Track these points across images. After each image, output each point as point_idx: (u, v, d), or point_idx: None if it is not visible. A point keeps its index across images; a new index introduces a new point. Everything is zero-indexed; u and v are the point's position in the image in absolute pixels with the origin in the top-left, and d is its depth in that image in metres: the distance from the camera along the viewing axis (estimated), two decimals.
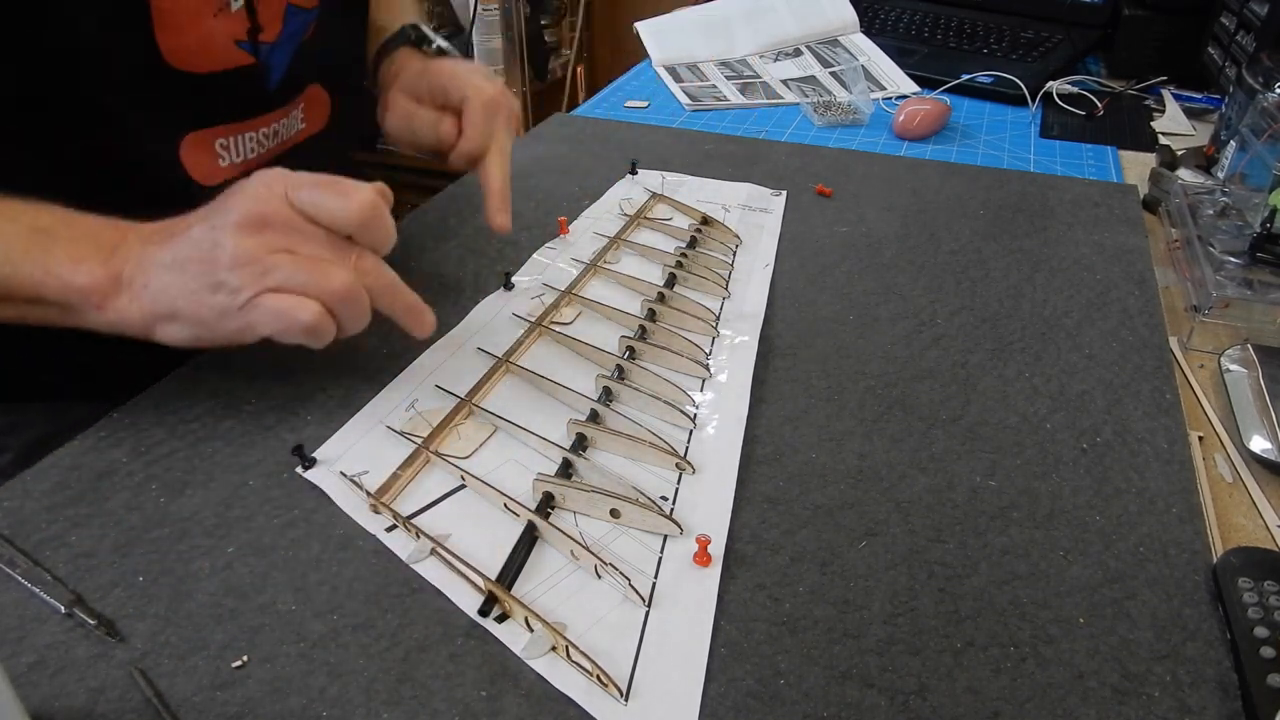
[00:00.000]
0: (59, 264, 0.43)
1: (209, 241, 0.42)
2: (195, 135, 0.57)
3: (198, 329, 0.44)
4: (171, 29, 0.51)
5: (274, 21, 0.57)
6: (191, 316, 0.43)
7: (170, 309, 0.43)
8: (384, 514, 0.43)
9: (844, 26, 1.21)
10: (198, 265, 0.42)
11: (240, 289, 0.42)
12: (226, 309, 0.42)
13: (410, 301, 0.48)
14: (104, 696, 0.34)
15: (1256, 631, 0.37)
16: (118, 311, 0.44)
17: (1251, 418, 0.51)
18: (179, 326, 0.44)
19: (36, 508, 0.43)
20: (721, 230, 0.70)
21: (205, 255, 0.42)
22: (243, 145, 0.60)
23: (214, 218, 0.43)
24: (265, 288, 0.42)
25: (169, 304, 0.43)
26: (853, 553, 0.41)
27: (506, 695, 0.34)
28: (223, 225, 0.42)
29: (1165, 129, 0.98)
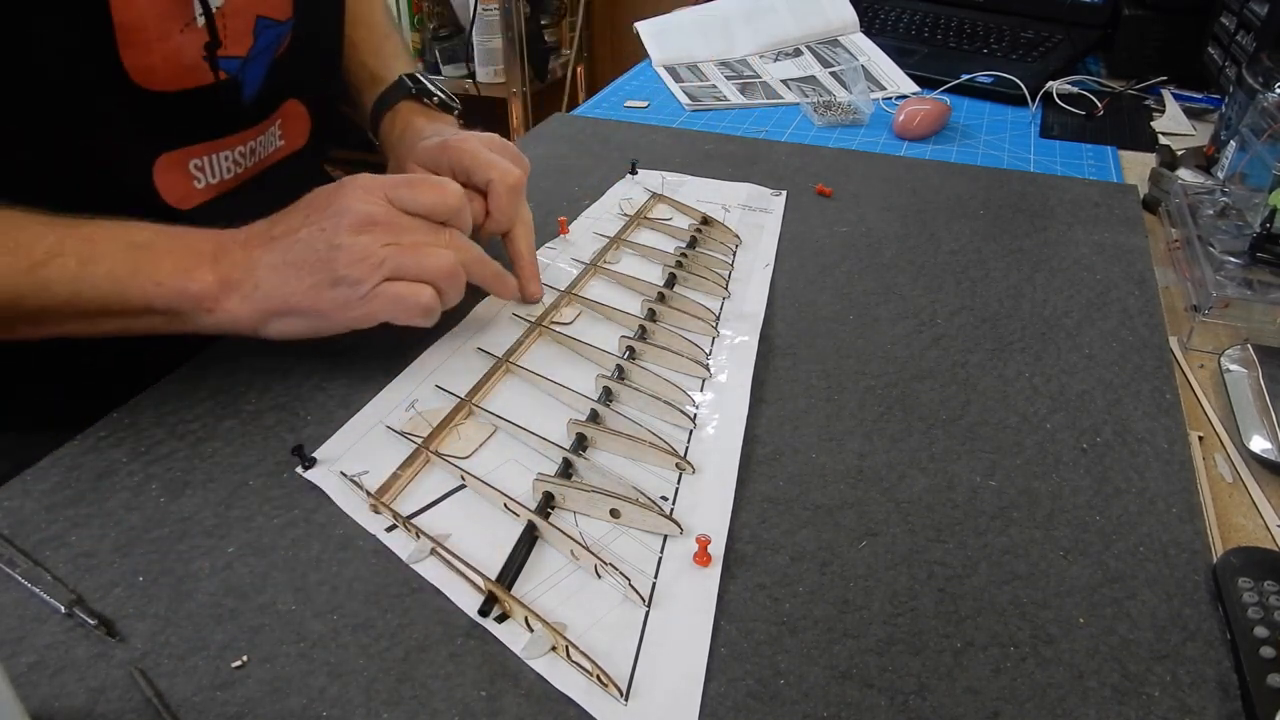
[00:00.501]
0: (169, 275, 0.46)
1: (323, 243, 0.47)
2: (168, 157, 0.56)
3: (316, 321, 0.48)
4: (136, 46, 0.50)
5: (243, 36, 0.56)
6: (310, 310, 0.47)
7: (285, 306, 0.47)
8: (384, 514, 0.43)
9: (844, 26, 1.21)
10: (315, 265, 0.47)
11: (361, 281, 0.47)
12: (348, 300, 0.47)
13: (496, 269, 0.54)
14: (104, 696, 0.34)
15: (1256, 631, 0.37)
16: (228, 312, 0.47)
17: (1251, 418, 0.51)
18: (294, 320, 0.48)
19: (36, 508, 0.43)
20: (721, 230, 0.70)
21: (322, 256, 0.47)
22: (218, 165, 0.59)
23: (320, 221, 0.47)
24: (384, 278, 0.47)
25: (283, 301, 0.47)
26: (853, 553, 0.41)
27: (506, 695, 0.34)
28: (335, 228, 0.47)
29: (1165, 129, 0.98)
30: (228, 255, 0.48)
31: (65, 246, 0.46)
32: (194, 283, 0.47)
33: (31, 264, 0.45)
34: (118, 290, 0.46)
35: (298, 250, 0.47)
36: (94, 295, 0.46)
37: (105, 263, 0.46)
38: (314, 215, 0.48)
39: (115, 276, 0.46)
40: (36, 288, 0.45)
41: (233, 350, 0.54)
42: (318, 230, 0.47)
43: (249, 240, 0.48)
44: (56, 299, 0.46)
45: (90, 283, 0.46)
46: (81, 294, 0.46)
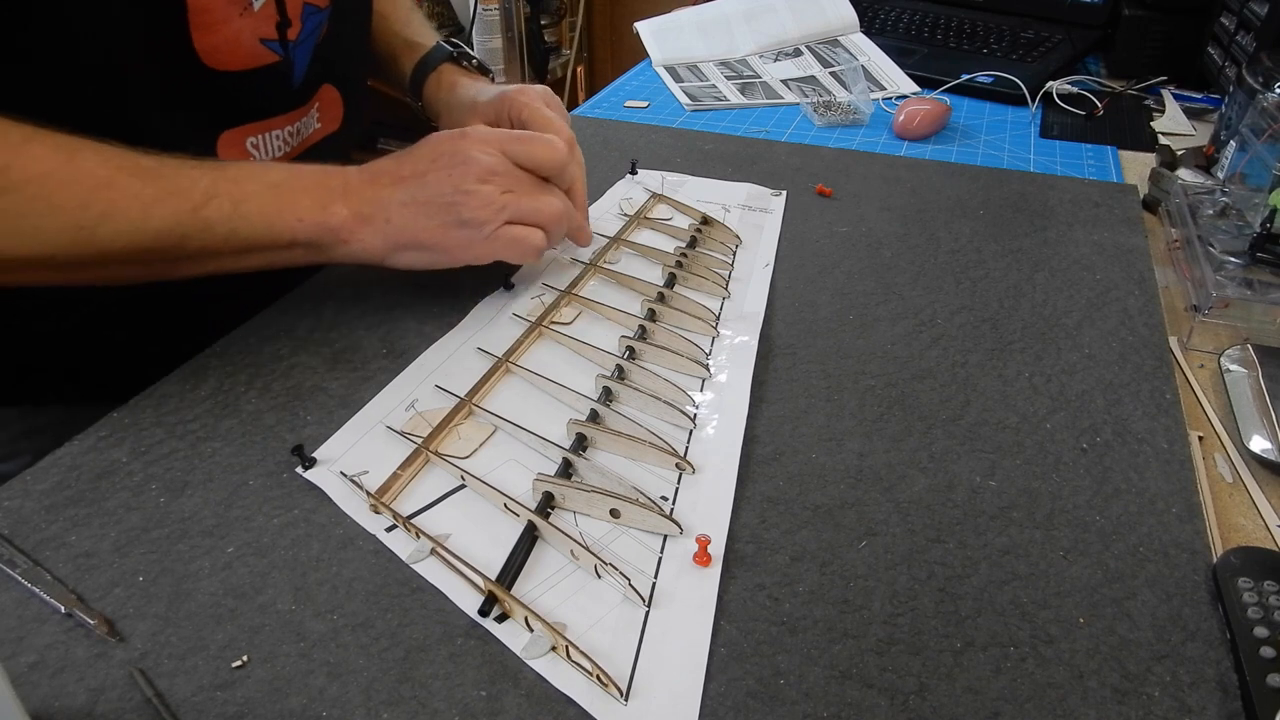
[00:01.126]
0: (308, 210, 0.52)
1: (449, 188, 0.53)
2: (229, 134, 0.59)
3: (439, 255, 0.55)
4: (205, 28, 0.53)
5: (294, 20, 0.59)
6: (436, 246, 0.54)
7: (414, 240, 0.54)
8: (384, 514, 0.43)
9: (844, 26, 1.21)
10: (443, 208, 0.53)
11: (485, 224, 0.53)
12: (472, 240, 0.54)
13: (582, 221, 0.61)
14: (104, 696, 0.34)
15: (1256, 631, 0.37)
16: (362, 243, 0.53)
17: (1251, 418, 0.51)
18: (420, 254, 0.55)
19: (36, 508, 0.43)
20: (721, 230, 0.70)
21: (449, 199, 0.53)
22: (270, 144, 0.63)
23: (447, 168, 0.53)
24: (504, 221, 0.54)
25: (413, 236, 0.53)
26: (853, 553, 0.41)
27: (506, 695, 0.35)
28: (462, 175, 0.53)
29: (1165, 129, 0.98)
30: (357, 192, 0.53)
31: (219, 188, 0.50)
32: (332, 217, 0.52)
33: (194, 206, 0.49)
34: (267, 226, 0.51)
35: (427, 192, 0.53)
36: (248, 233, 0.50)
37: (254, 202, 0.50)
38: (440, 161, 0.53)
39: (264, 214, 0.51)
40: (200, 228, 0.49)
41: (233, 350, 0.54)
42: (445, 175, 0.53)
43: (375, 178, 0.54)
44: (216, 238, 0.50)
45: (244, 221, 0.50)
46: (237, 232, 0.50)
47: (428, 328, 0.57)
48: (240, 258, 0.52)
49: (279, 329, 0.56)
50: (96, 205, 0.47)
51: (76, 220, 0.46)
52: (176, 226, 0.48)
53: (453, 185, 0.53)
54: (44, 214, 0.46)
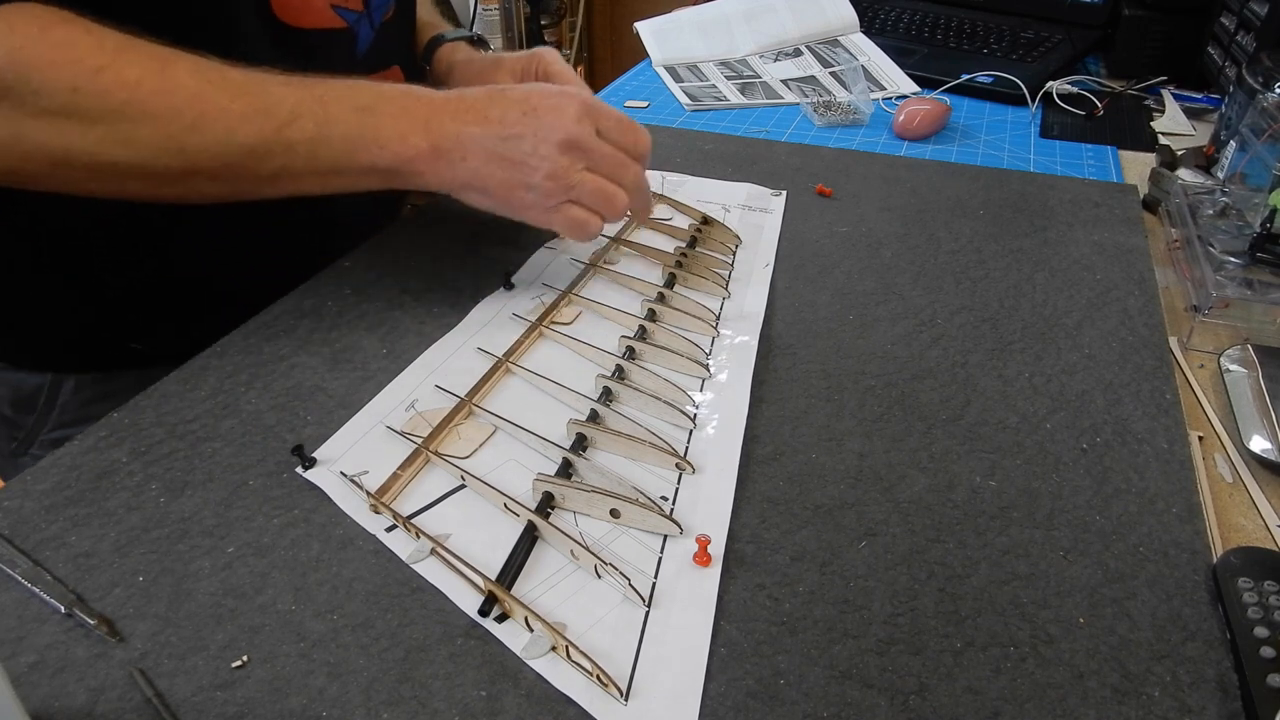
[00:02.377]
0: (389, 139, 0.52)
1: (529, 149, 0.53)
2: None
3: (502, 208, 0.56)
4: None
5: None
6: (500, 199, 0.55)
7: (483, 187, 0.54)
8: (384, 514, 0.43)
9: (844, 26, 1.20)
10: (516, 166, 0.53)
11: (550, 196, 0.54)
12: (534, 205, 0.54)
13: (648, 200, 0.61)
14: (104, 696, 0.34)
15: (1256, 631, 0.37)
16: (436, 175, 0.54)
17: (1251, 418, 0.51)
18: (486, 200, 0.55)
19: (36, 508, 0.43)
20: (721, 230, 0.70)
21: (524, 160, 0.53)
22: None
23: (534, 125, 0.53)
24: (567, 200, 0.55)
25: (483, 183, 0.54)
26: (853, 553, 0.41)
27: (506, 695, 0.35)
28: (545, 139, 0.53)
29: (1165, 129, 0.98)
30: (439, 124, 0.53)
31: (304, 108, 0.50)
32: (409, 148, 0.52)
33: (278, 125, 0.50)
34: (348, 152, 0.52)
35: (506, 145, 0.53)
36: (329, 156, 0.51)
37: (338, 126, 0.51)
38: (530, 115, 0.53)
39: (347, 139, 0.51)
40: (283, 148, 0.50)
41: (233, 350, 0.54)
42: (530, 132, 0.53)
43: (460, 112, 0.53)
44: (298, 159, 0.51)
45: (326, 145, 0.51)
46: (318, 154, 0.51)
47: (428, 328, 0.57)
48: (320, 180, 0.53)
49: (279, 329, 0.56)
50: (186, 116, 0.48)
51: (166, 130, 0.47)
52: (260, 145, 0.49)
53: (533, 146, 0.53)
54: (136, 120, 0.47)
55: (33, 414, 0.65)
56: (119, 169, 0.48)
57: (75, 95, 0.46)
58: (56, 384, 0.64)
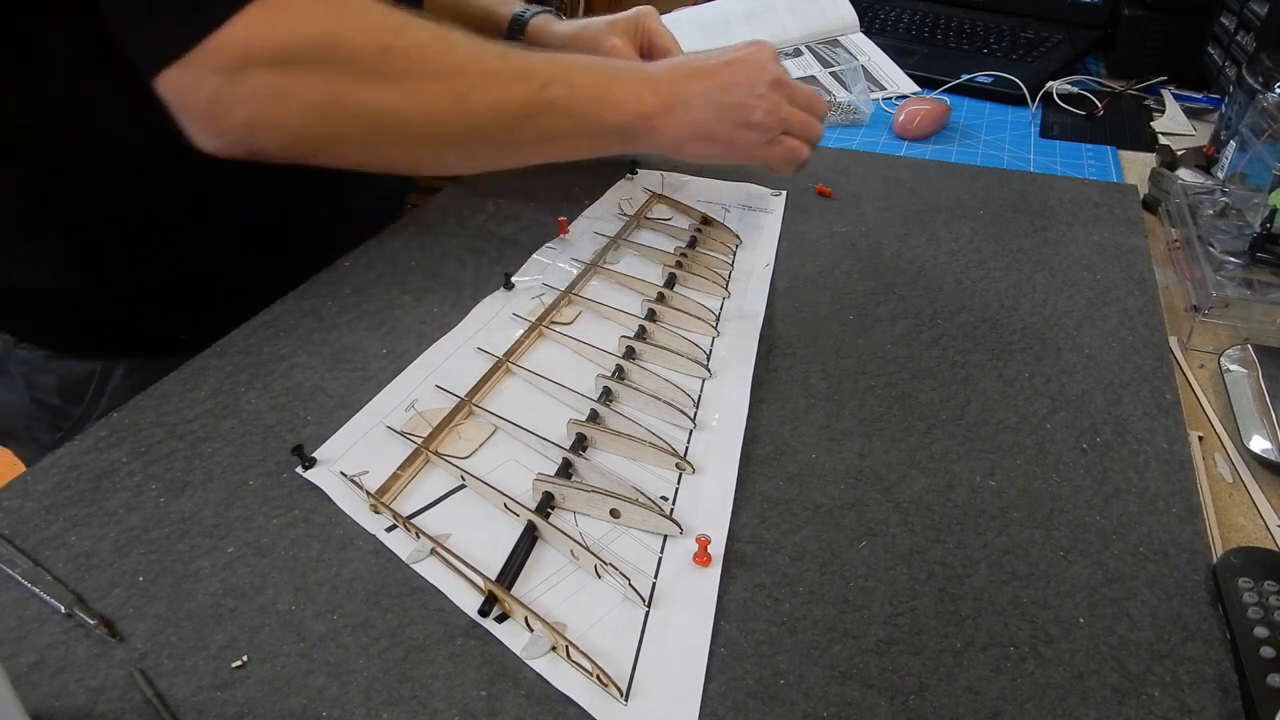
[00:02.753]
0: (626, 99, 0.57)
1: (745, 91, 0.59)
2: None
3: (725, 149, 0.61)
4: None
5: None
6: (725, 142, 0.61)
7: (707, 133, 0.60)
8: (384, 514, 0.43)
9: (844, 26, 1.20)
10: (736, 108, 0.59)
11: (769, 130, 0.61)
12: (755, 142, 0.61)
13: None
14: (104, 696, 0.34)
15: (1256, 631, 0.37)
16: (665, 132, 0.59)
17: (1251, 418, 0.51)
18: (710, 146, 0.61)
19: (36, 508, 0.43)
20: (721, 230, 0.70)
21: (743, 101, 0.59)
22: None
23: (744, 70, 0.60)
24: (782, 131, 0.62)
25: (707, 130, 0.59)
26: (853, 553, 0.41)
27: (506, 695, 0.34)
28: (758, 80, 0.60)
29: (1165, 129, 0.98)
30: (663, 83, 0.59)
31: (554, 74, 0.55)
32: (645, 105, 0.57)
33: (539, 86, 0.54)
34: (594, 112, 0.56)
35: (723, 92, 0.59)
36: (581, 115, 0.56)
37: (585, 89, 0.56)
38: (736, 64, 0.60)
39: (593, 100, 0.56)
40: (545, 108, 0.54)
41: (233, 350, 0.54)
42: (741, 77, 0.60)
43: (674, 74, 0.59)
44: (556, 119, 0.55)
45: (578, 105, 0.56)
46: (573, 114, 0.56)
47: (428, 328, 0.57)
48: (570, 142, 0.58)
49: (279, 329, 0.56)
50: (468, 76, 0.52)
51: (454, 88, 0.52)
52: (527, 104, 0.54)
53: (747, 88, 0.59)
54: (430, 79, 0.51)
55: (81, 402, 0.66)
56: (415, 129, 0.52)
57: (384, 55, 0.50)
58: (107, 371, 0.65)
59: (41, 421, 0.67)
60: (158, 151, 0.52)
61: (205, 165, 0.51)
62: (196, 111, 0.49)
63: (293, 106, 0.49)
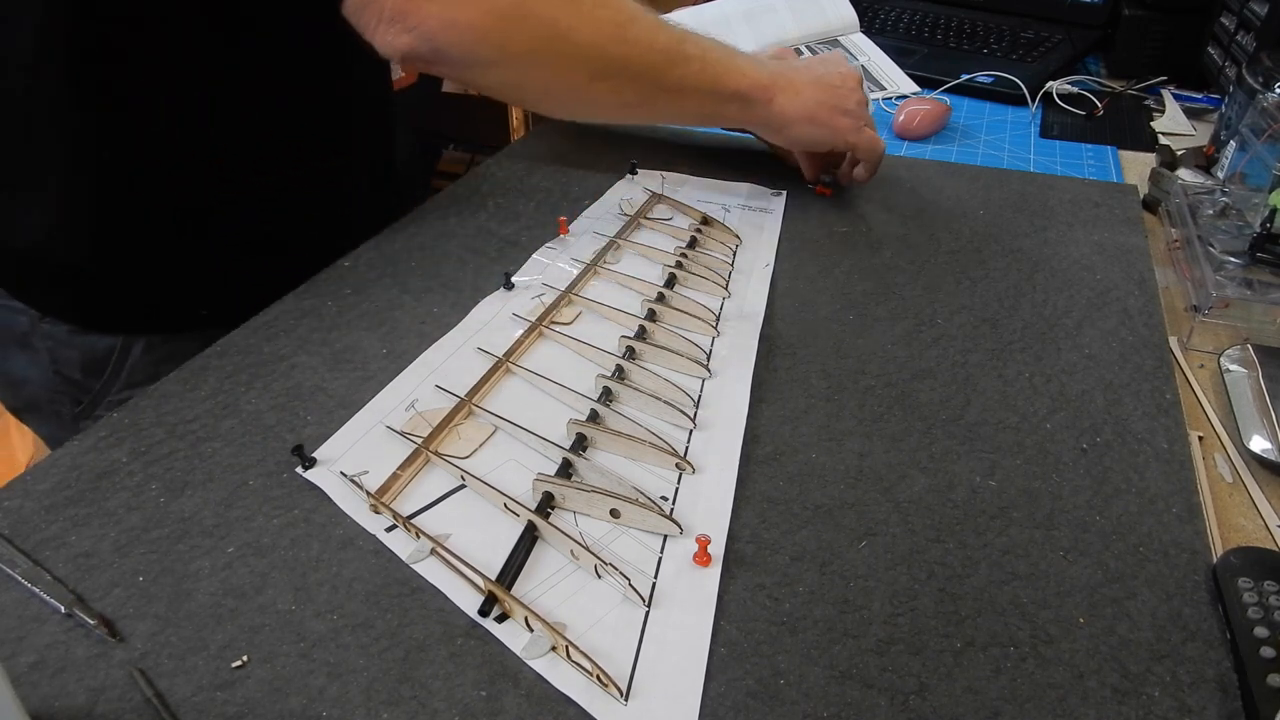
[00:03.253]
0: (745, 68, 0.66)
1: (839, 82, 0.70)
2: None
3: (824, 132, 0.70)
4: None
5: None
6: (825, 123, 0.69)
7: (813, 115, 0.69)
8: (384, 514, 0.43)
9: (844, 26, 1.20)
10: (836, 92, 0.69)
11: (859, 118, 0.70)
12: (847, 127, 0.70)
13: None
14: (104, 696, 0.34)
15: (1256, 631, 0.37)
16: (778, 106, 0.68)
17: (1251, 418, 0.51)
18: (815, 129, 0.69)
19: (36, 508, 0.43)
20: (721, 230, 0.70)
21: (841, 89, 0.70)
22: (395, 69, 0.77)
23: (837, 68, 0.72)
24: (866, 123, 0.71)
25: (814, 110, 0.68)
26: (853, 553, 0.41)
27: (506, 695, 0.34)
28: (849, 76, 0.71)
29: (1165, 129, 0.98)
30: (769, 66, 0.68)
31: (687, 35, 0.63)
32: (763, 76, 0.66)
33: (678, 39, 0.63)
34: (722, 73, 0.64)
35: (823, 79, 0.69)
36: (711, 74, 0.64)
37: (715, 51, 0.64)
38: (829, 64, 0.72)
39: (723, 61, 0.64)
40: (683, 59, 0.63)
41: (233, 350, 0.54)
42: (837, 74, 0.70)
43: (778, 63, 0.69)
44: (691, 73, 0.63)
45: (710, 64, 0.63)
46: (705, 72, 0.63)
47: (428, 328, 0.57)
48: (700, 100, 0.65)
49: (279, 329, 0.56)
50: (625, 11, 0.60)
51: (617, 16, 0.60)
52: (669, 49, 0.61)
53: (841, 80, 0.70)
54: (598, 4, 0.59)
55: (101, 377, 0.67)
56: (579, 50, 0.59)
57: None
58: (127, 346, 0.66)
59: (64, 395, 0.69)
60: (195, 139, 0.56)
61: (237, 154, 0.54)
62: (390, 10, 0.54)
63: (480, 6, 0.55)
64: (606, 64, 0.60)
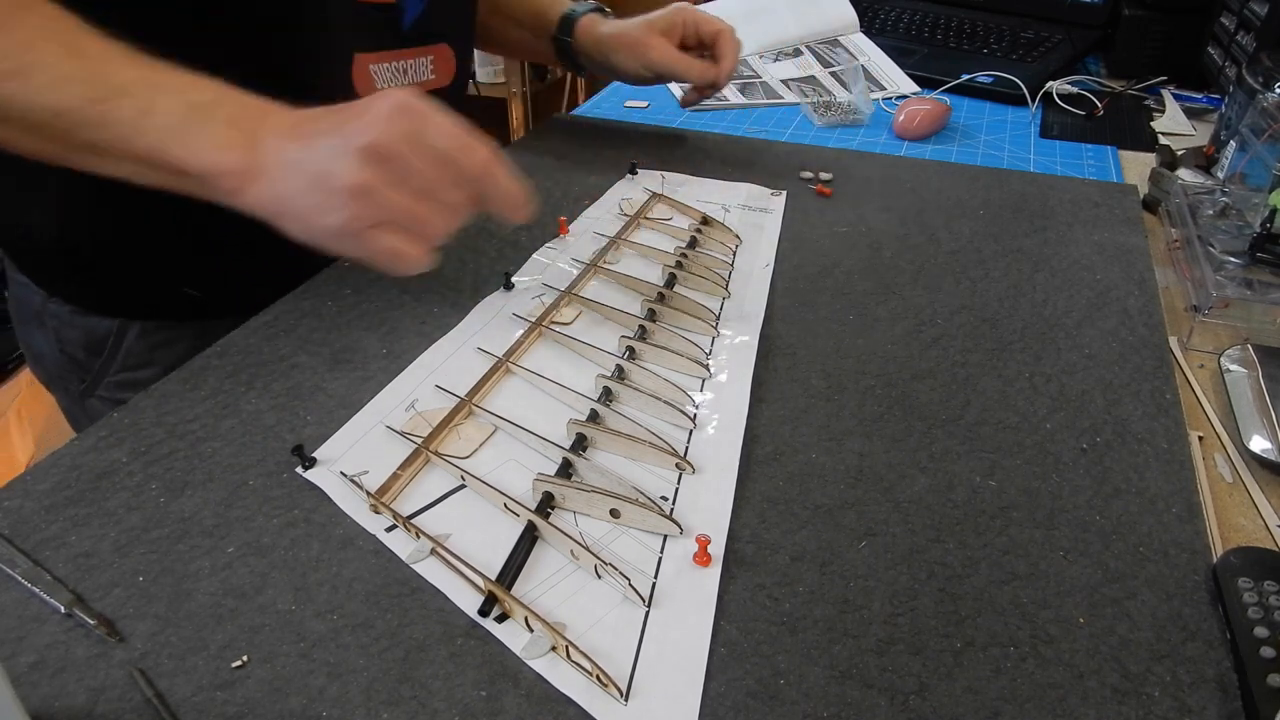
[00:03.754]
0: (205, 148, 0.47)
1: (331, 157, 0.46)
2: (360, 57, 0.64)
3: (315, 237, 0.48)
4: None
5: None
6: (312, 226, 0.48)
7: (290, 212, 0.48)
8: (384, 514, 0.43)
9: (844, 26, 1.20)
10: (318, 182, 0.46)
11: (355, 219, 0.46)
12: (342, 232, 0.47)
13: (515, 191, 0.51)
14: (104, 696, 0.34)
15: (1256, 631, 0.37)
16: (254, 197, 0.48)
17: (1251, 418, 0.51)
18: (300, 228, 0.48)
19: (36, 508, 0.43)
20: (721, 230, 0.70)
21: (325, 172, 0.46)
22: (387, 74, 0.67)
23: (345, 131, 0.46)
24: (379, 221, 0.47)
25: (290, 207, 0.47)
26: (853, 553, 0.41)
27: (506, 695, 0.34)
28: (346, 149, 0.45)
29: (1165, 129, 0.98)
30: (264, 142, 0.48)
31: (134, 89, 0.47)
32: (224, 160, 0.47)
33: (97, 98, 0.46)
34: (160, 145, 0.47)
35: (313, 158, 0.47)
36: (141, 144, 0.47)
37: (159, 117, 0.47)
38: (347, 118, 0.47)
39: (163, 131, 0.47)
40: (96, 122, 0.47)
41: (233, 350, 0.54)
42: (338, 140, 0.46)
43: (291, 129, 0.48)
44: (108, 136, 0.47)
45: (141, 133, 0.47)
46: (131, 140, 0.47)
47: (428, 328, 0.57)
48: (133, 166, 0.49)
49: (279, 329, 0.56)
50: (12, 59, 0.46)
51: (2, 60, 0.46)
52: (73, 112, 0.47)
53: (333, 157, 0.46)
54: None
55: (101, 357, 0.68)
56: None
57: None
58: (123, 329, 0.67)
59: (71, 373, 0.70)
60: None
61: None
62: None
63: None
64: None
